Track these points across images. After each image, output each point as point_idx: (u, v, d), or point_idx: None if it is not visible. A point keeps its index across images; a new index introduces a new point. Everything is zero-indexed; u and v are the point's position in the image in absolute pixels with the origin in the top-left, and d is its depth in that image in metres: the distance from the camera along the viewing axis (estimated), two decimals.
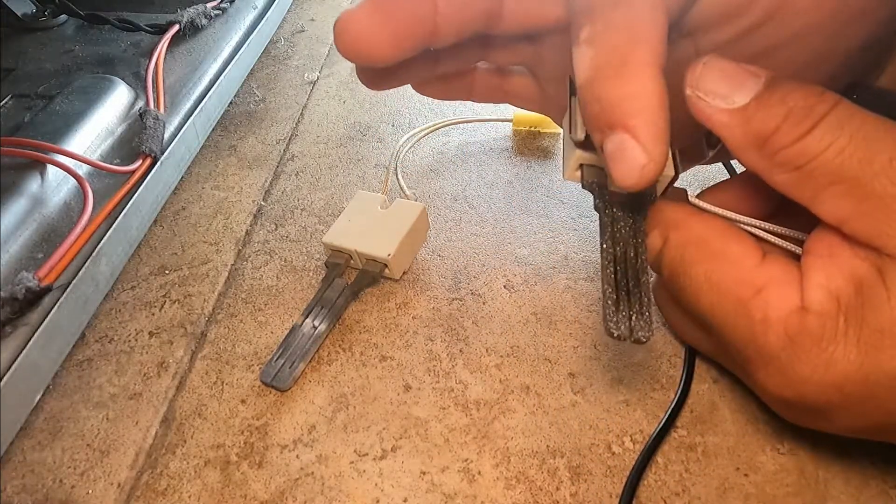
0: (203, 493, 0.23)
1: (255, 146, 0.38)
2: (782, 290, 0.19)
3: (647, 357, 0.26)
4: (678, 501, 0.22)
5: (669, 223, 0.22)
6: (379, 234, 0.29)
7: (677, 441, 0.23)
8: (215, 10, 0.42)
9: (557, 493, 0.22)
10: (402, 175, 0.35)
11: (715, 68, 0.19)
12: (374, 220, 0.29)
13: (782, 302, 0.19)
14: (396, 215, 0.29)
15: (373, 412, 0.25)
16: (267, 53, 0.46)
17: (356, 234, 0.29)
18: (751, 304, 0.19)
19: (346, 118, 0.40)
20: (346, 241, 0.29)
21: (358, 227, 0.29)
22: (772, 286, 0.19)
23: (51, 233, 0.28)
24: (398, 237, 0.28)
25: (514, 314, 0.28)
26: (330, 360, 0.27)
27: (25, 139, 0.30)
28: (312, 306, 0.28)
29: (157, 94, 0.36)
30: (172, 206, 0.34)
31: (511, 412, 0.25)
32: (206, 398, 0.26)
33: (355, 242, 0.28)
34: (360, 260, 0.29)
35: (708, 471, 0.23)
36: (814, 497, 0.22)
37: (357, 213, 0.30)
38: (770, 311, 0.19)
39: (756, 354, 0.19)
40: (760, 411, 0.24)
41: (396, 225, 0.29)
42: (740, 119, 0.19)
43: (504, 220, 0.32)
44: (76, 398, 0.26)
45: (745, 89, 0.19)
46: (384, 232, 0.29)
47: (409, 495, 0.22)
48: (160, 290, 0.30)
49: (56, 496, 0.23)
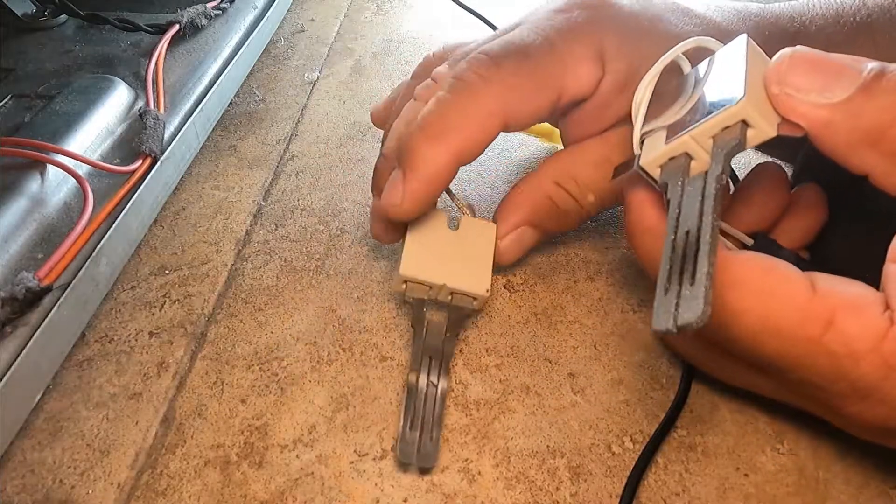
0: (203, 493, 0.23)
1: (255, 146, 0.38)
2: (857, 317, 0.17)
3: (647, 357, 0.26)
4: (678, 501, 0.22)
5: None
6: (463, 263, 0.26)
7: (677, 441, 0.23)
8: (215, 10, 0.42)
9: (557, 493, 0.22)
10: None
11: (804, 60, 0.18)
12: (450, 246, 0.26)
13: (865, 330, 0.17)
14: (471, 239, 0.26)
15: (373, 412, 0.25)
16: (267, 53, 0.46)
17: (438, 264, 0.25)
18: (825, 340, 0.17)
19: (346, 118, 0.40)
20: (430, 273, 0.25)
21: (434, 254, 0.26)
22: (842, 315, 0.18)
23: (51, 233, 0.28)
24: (487, 267, 0.26)
25: (514, 314, 0.28)
26: (330, 360, 0.27)
27: (25, 139, 0.30)
28: (420, 358, 0.25)
29: (157, 94, 0.36)
30: (172, 206, 0.34)
31: (511, 412, 0.25)
32: (206, 398, 0.26)
33: (443, 275, 0.25)
34: (444, 293, 0.26)
35: (708, 471, 0.23)
36: (814, 497, 0.22)
37: (425, 236, 0.26)
38: (854, 344, 0.17)
39: (850, 389, 0.18)
40: (760, 411, 0.24)
41: (477, 251, 0.26)
42: (846, 114, 0.17)
43: None
44: (76, 398, 0.26)
45: (845, 79, 0.17)
46: (468, 261, 0.26)
47: (409, 495, 0.22)
48: (160, 290, 0.30)
49: (56, 496, 0.23)
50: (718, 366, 0.23)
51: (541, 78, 0.24)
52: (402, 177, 0.24)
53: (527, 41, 0.24)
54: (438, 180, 0.24)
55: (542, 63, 0.24)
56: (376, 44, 0.47)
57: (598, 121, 0.26)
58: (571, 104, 0.26)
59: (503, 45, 0.24)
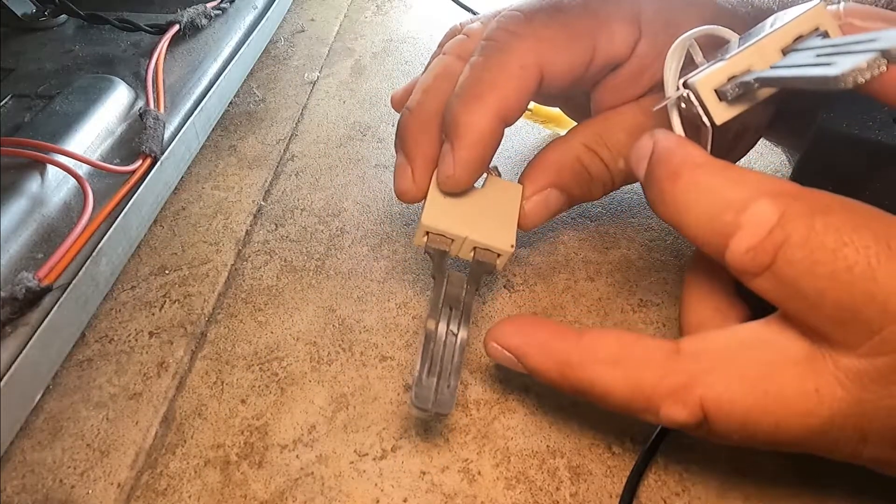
0: (203, 493, 0.23)
1: (255, 146, 0.38)
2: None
3: None
4: (678, 501, 0.22)
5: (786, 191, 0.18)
6: (488, 218, 0.25)
7: (677, 441, 0.23)
8: (215, 10, 0.42)
9: (557, 493, 0.22)
10: None
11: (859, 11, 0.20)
12: (475, 201, 0.25)
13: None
14: (497, 197, 0.26)
15: (373, 412, 0.25)
16: (267, 53, 0.46)
17: (462, 218, 0.24)
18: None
19: (346, 118, 0.40)
20: (453, 225, 0.24)
21: (458, 208, 0.25)
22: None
23: (51, 233, 0.28)
24: (512, 225, 0.25)
25: (514, 314, 0.28)
26: (330, 360, 0.27)
27: (25, 139, 0.30)
28: (440, 307, 0.24)
29: (157, 94, 0.36)
30: (172, 206, 0.34)
31: (511, 412, 0.25)
32: (206, 398, 0.26)
33: (466, 228, 0.24)
34: (466, 247, 0.25)
35: (708, 471, 0.23)
36: (814, 497, 0.22)
37: None
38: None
39: None
40: None
41: (502, 209, 0.25)
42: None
43: None
44: (76, 398, 0.26)
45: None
46: (493, 217, 0.25)
47: (409, 495, 0.22)
48: (160, 290, 0.30)
49: (56, 496, 0.23)
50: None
51: (574, 31, 0.24)
52: (450, 148, 0.24)
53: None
54: (485, 144, 0.24)
55: (574, 16, 0.24)
56: (376, 44, 0.47)
57: (633, 86, 0.26)
58: (606, 68, 0.25)
59: (535, 1, 0.24)
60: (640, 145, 0.21)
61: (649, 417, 0.19)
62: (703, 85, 0.20)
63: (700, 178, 0.19)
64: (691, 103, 0.20)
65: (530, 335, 0.21)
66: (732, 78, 0.20)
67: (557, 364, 0.20)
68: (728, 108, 0.20)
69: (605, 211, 0.33)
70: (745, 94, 0.20)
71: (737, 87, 0.19)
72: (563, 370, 0.20)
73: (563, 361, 0.20)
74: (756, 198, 0.17)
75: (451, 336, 0.23)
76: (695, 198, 0.18)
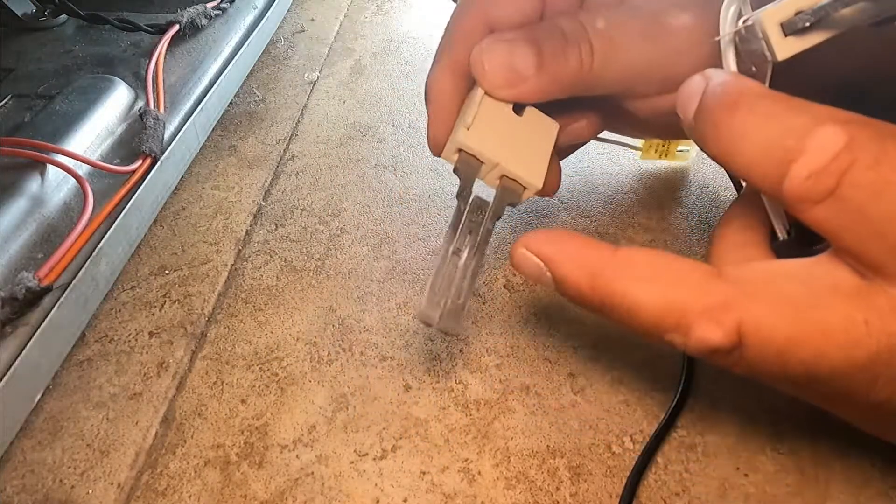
0: (203, 493, 0.23)
1: (255, 146, 0.38)
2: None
3: (647, 357, 0.26)
4: (678, 501, 0.22)
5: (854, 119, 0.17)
6: (522, 148, 0.24)
7: (677, 441, 0.23)
8: (215, 10, 0.42)
9: (557, 493, 0.22)
10: (403, 174, 0.35)
11: None
12: (512, 128, 0.24)
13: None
14: (533, 129, 0.24)
15: (373, 412, 0.25)
16: (267, 53, 0.46)
17: (497, 142, 0.23)
18: None
19: (346, 118, 0.40)
20: (488, 149, 0.23)
21: (495, 132, 0.23)
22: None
23: (51, 233, 0.28)
24: (545, 162, 0.24)
25: (514, 314, 0.28)
26: (330, 360, 0.27)
27: (25, 139, 0.30)
28: (460, 230, 0.23)
29: (157, 94, 0.36)
30: (172, 206, 0.34)
31: (511, 412, 0.25)
32: (206, 398, 0.26)
33: (500, 154, 0.23)
34: (494, 174, 0.24)
35: (708, 471, 0.23)
36: (814, 497, 0.22)
37: (489, 112, 0.23)
38: None
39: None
40: (760, 411, 0.24)
41: (537, 143, 0.24)
42: None
43: (504, 219, 0.32)
44: (76, 398, 0.26)
45: None
46: (527, 148, 0.24)
47: (409, 495, 0.22)
48: (160, 290, 0.30)
49: (56, 496, 0.23)
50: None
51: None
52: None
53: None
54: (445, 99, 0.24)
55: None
56: (376, 44, 0.47)
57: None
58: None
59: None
60: (691, 81, 0.20)
61: (677, 339, 0.18)
62: (768, 17, 0.19)
63: (761, 107, 0.18)
64: (751, 39, 0.19)
65: (563, 243, 0.20)
66: (800, 12, 0.18)
67: (588, 275, 0.19)
68: (794, 42, 0.19)
69: (605, 211, 0.33)
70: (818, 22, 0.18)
71: (811, 14, 0.18)
72: (595, 281, 0.19)
73: (594, 273, 0.19)
74: (822, 123, 0.16)
75: (466, 259, 0.22)
76: (753, 126, 0.17)
